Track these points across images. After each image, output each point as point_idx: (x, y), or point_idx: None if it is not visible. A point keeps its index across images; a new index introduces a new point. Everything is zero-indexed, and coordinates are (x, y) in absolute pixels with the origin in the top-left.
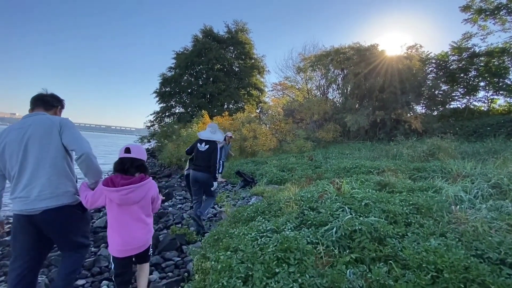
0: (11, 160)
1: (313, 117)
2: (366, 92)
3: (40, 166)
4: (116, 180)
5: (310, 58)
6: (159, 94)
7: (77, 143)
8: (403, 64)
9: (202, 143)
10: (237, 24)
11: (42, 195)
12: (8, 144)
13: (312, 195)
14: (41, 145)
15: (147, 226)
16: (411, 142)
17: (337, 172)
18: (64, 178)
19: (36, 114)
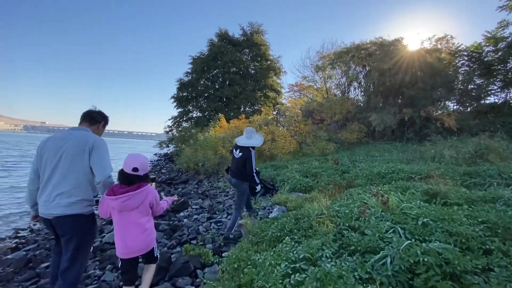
0: (46, 166)
1: (334, 117)
2: (392, 89)
3: (65, 178)
4: (116, 189)
5: (329, 56)
6: (176, 99)
7: (100, 169)
8: (432, 58)
9: (237, 150)
10: (252, 26)
11: (61, 202)
12: (47, 150)
13: (350, 210)
14: (72, 160)
15: (147, 230)
16: (451, 141)
17: (370, 178)
18: (82, 191)
19: (79, 129)
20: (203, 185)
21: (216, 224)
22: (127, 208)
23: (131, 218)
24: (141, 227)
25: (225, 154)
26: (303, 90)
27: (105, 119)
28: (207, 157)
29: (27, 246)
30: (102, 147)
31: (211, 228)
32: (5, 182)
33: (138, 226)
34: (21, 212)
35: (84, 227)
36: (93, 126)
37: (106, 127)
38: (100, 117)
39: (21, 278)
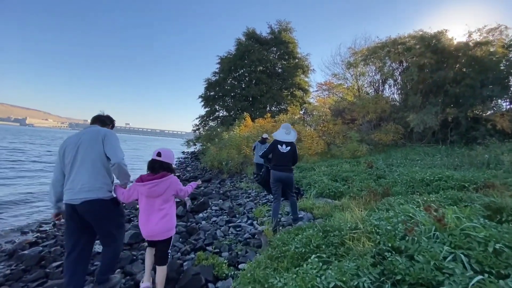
0: (67, 159)
1: (367, 116)
2: (433, 86)
3: (83, 166)
4: (144, 177)
5: (362, 52)
6: (204, 99)
7: (113, 153)
8: (482, 51)
9: (282, 145)
10: (281, 24)
11: (83, 188)
12: (67, 146)
13: (393, 226)
14: (87, 149)
15: (169, 215)
16: (509, 145)
17: (411, 185)
18: (101, 177)
19: (92, 127)
20: (225, 185)
21: (235, 229)
22: (153, 194)
23: (156, 204)
24: (164, 213)
25: (248, 154)
26: (332, 89)
27: (113, 123)
28: (231, 156)
29: (46, 241)
30: (112, 136)
31: (229, 233)
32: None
33: (161, 212)
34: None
35: (106, 210)
36: (104, 127)
37: (140, 126)
38: (108, 120)
39: (30, 277)
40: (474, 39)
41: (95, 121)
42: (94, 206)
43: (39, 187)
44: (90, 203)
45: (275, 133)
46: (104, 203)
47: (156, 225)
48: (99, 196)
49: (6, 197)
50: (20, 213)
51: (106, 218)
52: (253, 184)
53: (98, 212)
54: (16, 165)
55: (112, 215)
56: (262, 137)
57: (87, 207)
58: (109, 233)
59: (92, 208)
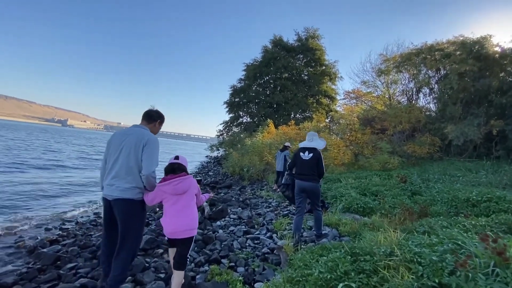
0: (111, 155)
1: (399, 126)
2: (475, 95)
3: (123, 167)
4: (167, 178)
5: (394, 58)
6: (229, 104)
7: (146, 163)
8: None
9: (305, 152)
10: (308, 31)
11: (119, 187)
12: (113, 143)
13: (440, 257)
14: (129, 152)
15: (192, 214)
16: None
17: (454, 205)
18: (135, 179)
19: (138, 127)
20: (245, 192)
21: (253, 242)
22: (179, 191)
23: (182, 200)
24: (188, 211)
25: (271, 161)
26: (360, 97)
27: (161, 117)
28: (252, 162)
29: (66, 239)
30: (154, 144)
31: (246, 246)
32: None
33: (185, 210)
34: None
35: (134, 210)
36: (150, 124)
37: (167, 129)
38: (157, 115)
39: (43, 278)
40: None
41: (144, 117)
42: (124, 204)
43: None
44: (121, 201)
45: (302, 143)
46: (133, 203)
47: (180, 223)
48: (130, 196)
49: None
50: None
51: (132, 216)
52: (274, 193)
53: (126, 210)
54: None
55: (137, 216)
56: (284, 145)
57: (118, 204)
58: (129, 233)
59: (121, 206)
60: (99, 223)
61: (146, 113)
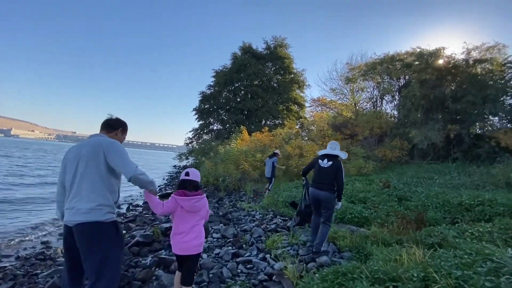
0: (68, 175)
1: (371, 132)
2: (434, 102)
3: (82, 183)
4: (187, 192)
5: (360, 67)
6: (198, 111)
7: (122, 167)
8: (482, 69)
9: (324, 159)
10: (276, 40)
11: (81, 208)
12: (68, 160)
13: (493, 282)
14: (87, 165)
15: (199, 233)
16: None
17: (447, 210)
18: (100, 196)
19: (94, 136)
20: (223, 205)
21: (245, 267)
22: (194, 209)
23: (193, 219)
24: (198, 228)
25: (247, 169)
26: (325, 105)
27: (122, 125)
28: (228, 172)
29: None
30: (116, 146)
31: (238, 273)
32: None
33: (196, 227)
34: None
35: (105, 236)
36: (110, 133)
37: (129, 138)
38: (117, 123)
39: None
40: (473, 56)
41: (103, 127)
42: (87, 229)
43: None
44: (84, 226)
45: (322, 151)
46: (101, 226)
47: (191, 240)
48: (97, 218)
49: None
50: None
51: (104, 243)
52: (256, 204)
53: (90, 236)
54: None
55: (111, 241)
56: (273, 152)
57: (81, 231)
58: (103, 267)
59: (84, 232)
60: (48, 256)
61: (105, 122)
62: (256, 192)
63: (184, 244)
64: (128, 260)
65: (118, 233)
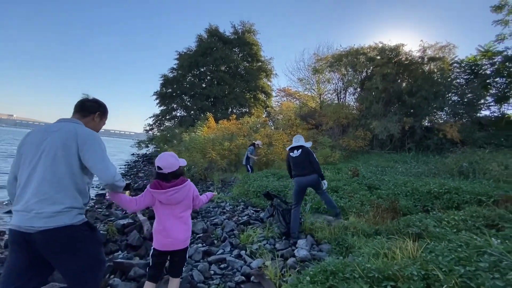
0: (24, 165)
1: (331, 122)
2: (393, 96)
3: (46, 179)
4: (163, 184)
5: (327, 59)
6: (159, 96)
7: (100, 171)
8: (435, 66)
9: (293, 151)
10: (244, 25)
11: (42, 212)
12: (27, 147)
13: (503, 280)
14: (55, 157)
15: (186, 225)
16: (481, 154)
17: (417, 198)
18: (69, 197)
19: (68, 121)
20: None
21: (218, 266)
22: (173, 202)
23: (175, 211)
24: (183, 221)
25: (215, 158)
26: (290, 95)
27: (101, 107)
28: (194, 160)
29: None
30: (95, 141)
31: (211, 275)
32: None
33: (181, 220)
34: None
35: (80, 239)
36: (86, 118)
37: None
38: (95, 106)
39: None
40: (428, 54)
41: (77, 109)
42: (56, 235)
43: None
44: (51, 232)
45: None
46: (71, 231)
47: (177, 233)
48: (64, 222)
49: None
50: None
51: (73, 251)
52: (226, 195)
53: (61, 244)
54: None
55: (83, 247)
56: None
57: (47, 239)
58: (76, 273)
59: (53, 240)
60: None
61: (80, 103)
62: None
63: (168, 239)
64: None
65: (93, 232)
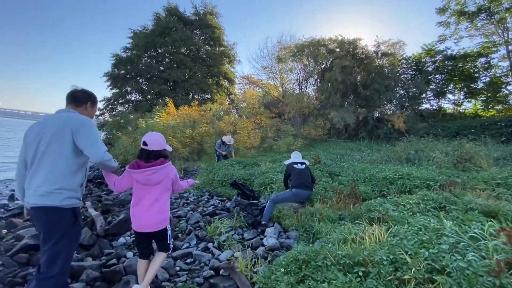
0: (29, 152)
1: (298, 111)
2: (350, 87)
3: (43, 163)
4: (141, 164)
5: (290, 48)
6: (111, 77)
7: (91, 149)
8: (387, 61)
9: (297, 164)
10: (206, 6)
11: (37, 191)
12: (30, 137)
13: (469, 263)
14: (50, 142)
15: (164, 206)
16: (424, 142)
17: (375, 184)
18: (60, 179)
19: (64, 111)
20: None
21: (184, 261)
22: (151, 182)
23: (153, 192)
24: (160, 203)
25: (176, 146)
26: (252, 83)
27: (91, 97)
28: None
29: None
30: (88, 125)
31: (177, 272)
32: None
33: (157, 202)
34: None
35: (61, 224)
36: (79, 108)
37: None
38: (85, 96)
39: None
40: (381, 49)
41: (69, 101)
42: (44, 214)
43: None
44: (40, 210)
45: (288, 160)
46: (57, 213)
47: (151, 216)
48: (52, 203)
49: None
50: None
51: (53, 231)
52: None
53: (45, 221)
54: None
55: (62, 231)
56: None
57: (37, 215)
58: (54, 252)
59: (41, 217)
60: None
61: (71, 94)
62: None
63: (144, 220)
64: (10, 274)
65: (76, 222)
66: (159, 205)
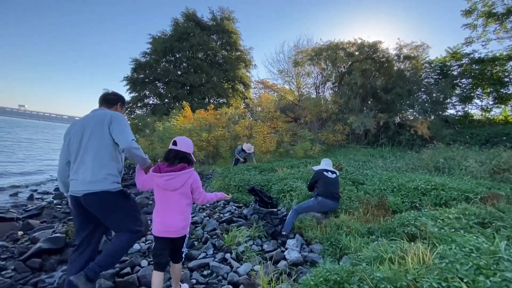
0: (72, 147)
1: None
2: (370, 91)
3: (87, 153)
4: (162, 167)
5: (307, 52)
6: (130, 81)
7: (120, 137)
8: (410, 65)
9: (328, 172)
10: (223, 12)
11: (85, 179)
12: (72, 134)
13: None
14: (91, 135)
15: (185, 213)
16: (454, 150)
17: (405, 194)
18: (105, 166)
19: (99, 110)
20: None
21: (201, 273)
22: (170, 188)
23: (173, 198)
24: (181, 209)
25: None
26: (267, 88)
27: (120, 99)
28: None
29: None
30: (120, 119)
31: (193, 285)
32: None
33: (178, 208)
34: None
35: (112, 203)
36: (111, 108)
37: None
38: (115, 98)
39: None
40: (404, 52)
41: (102, 103)
42: (96, 198)
43: None
44: (92, 195)
45: (317, 166)
46: (108, 196)
47: (173, 221)
48: (102, 188)
49: None
50: None
51: (111, 210)
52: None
53: (101, 205)
54: None
55: (118, 208)
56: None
57: (90, 200)
58: (118, 224)
59: (94, 201)
60: None
61: (103, 97)
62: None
63: (164, 226)
64: (21, 281)
65: (127, 198)
66: (179, 211)
